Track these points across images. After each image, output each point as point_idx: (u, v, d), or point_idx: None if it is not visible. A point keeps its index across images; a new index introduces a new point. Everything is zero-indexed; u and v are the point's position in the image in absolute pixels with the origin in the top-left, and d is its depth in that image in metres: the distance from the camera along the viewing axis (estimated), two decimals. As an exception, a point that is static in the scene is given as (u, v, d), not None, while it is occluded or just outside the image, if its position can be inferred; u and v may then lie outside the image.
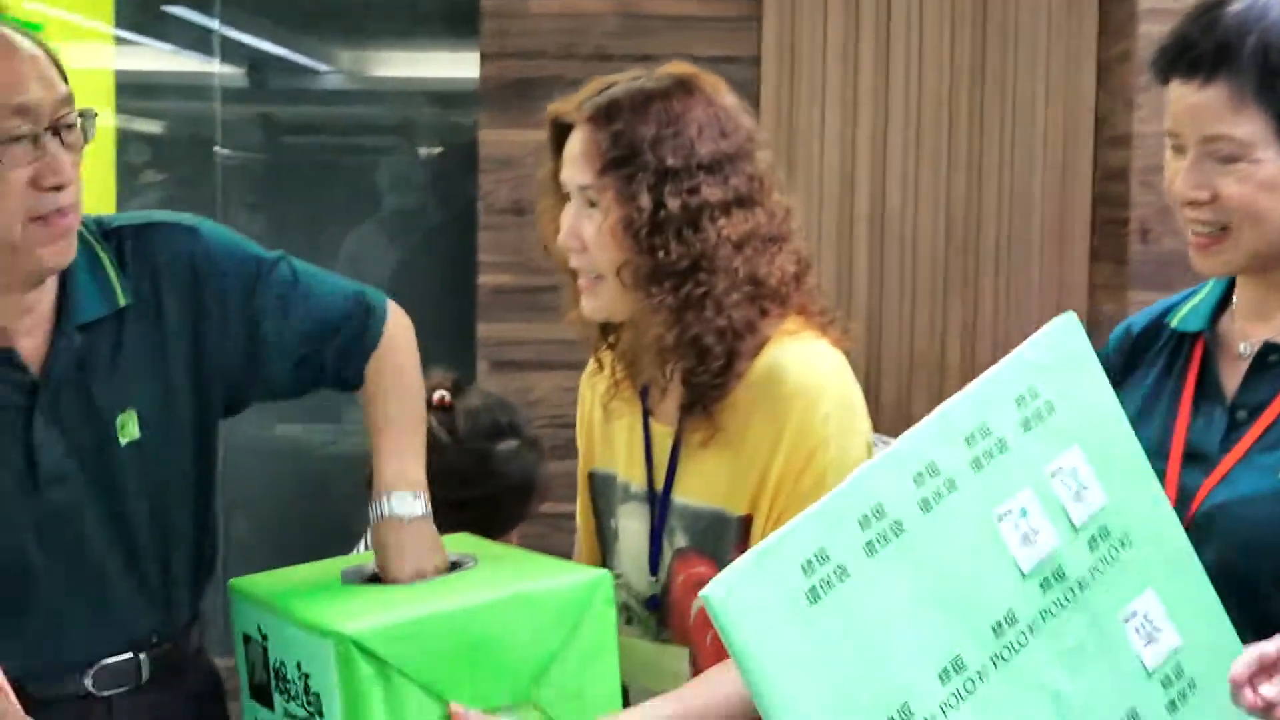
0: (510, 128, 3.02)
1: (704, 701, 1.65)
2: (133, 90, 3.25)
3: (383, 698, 1.50)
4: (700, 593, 1.23)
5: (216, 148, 3.36)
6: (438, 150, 3.42)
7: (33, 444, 1.68)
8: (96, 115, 1.68)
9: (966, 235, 3.12)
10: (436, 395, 2.04)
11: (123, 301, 1.73)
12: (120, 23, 3.22)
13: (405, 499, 1.74)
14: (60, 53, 1.69)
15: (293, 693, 1.60)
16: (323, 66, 3.45)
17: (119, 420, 1.72)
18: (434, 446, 1.97)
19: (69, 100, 1.62)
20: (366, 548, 1.88)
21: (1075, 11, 3.09)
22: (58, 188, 1.60)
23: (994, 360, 1.76)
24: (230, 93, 3.32)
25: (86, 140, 1.65)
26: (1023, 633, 1.37)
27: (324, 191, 3.41)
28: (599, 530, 1.88)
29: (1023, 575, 1.37)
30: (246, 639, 1.70)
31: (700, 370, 1.65)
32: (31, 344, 1.69)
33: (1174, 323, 1.72)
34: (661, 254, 1.61)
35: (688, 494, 1.73)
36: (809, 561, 1.26)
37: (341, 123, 3.44)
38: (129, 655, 1.75)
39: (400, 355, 1.85)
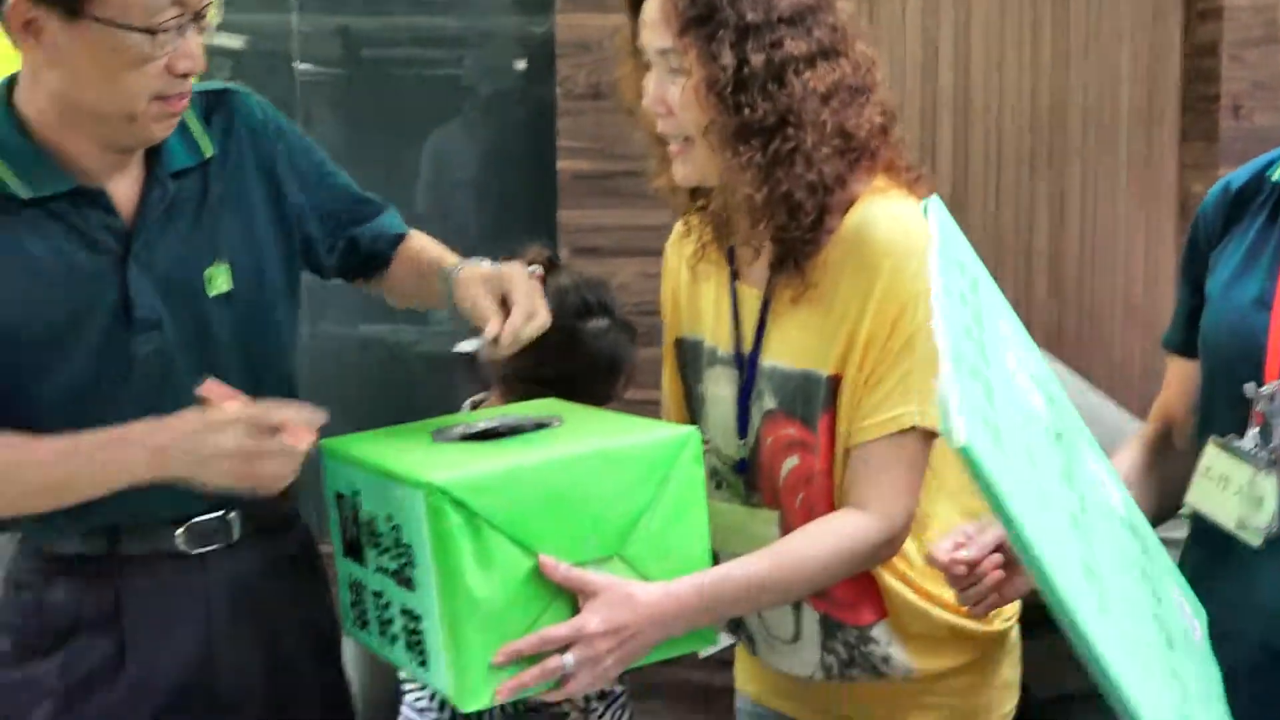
0: (587, 11, 2.98)
1: (794, 560, 1.66)
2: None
3: (472, 548, 1.52)
4: (959, 446, 1.10)
5: (295, 62, 3.35)
6: (516, 42, 3.39)
7: (128, 289, 1.71)
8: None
9: (1053, 116, 3.07)
10: (531, 269, 2.04)
11: (208, 152, 1.80)
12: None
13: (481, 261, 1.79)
14: None
15: (384, 546, 1.62)
16: None
17: (208, 273, 1.76)
18: None
19: None
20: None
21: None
22: (186, 75, 1.67)
23: (1081, 245, 1.74)
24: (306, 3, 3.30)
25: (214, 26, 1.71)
26: (1074, 484, 1.35)
27: (403, 97, 3.39)
28: (686, 397, 1.89)
29: (1045, 430, 1.37)
30: (339, 497, 1.72)
31: (792, 226, 1.64)
32: (123, 190, 1.74)
33: (1276, 175, 1.69)
34: (747, 111, 1.59)
35: (776, 356, 1.73)
36: (980, 411, 1.19)
37: (419, 28, 3.40)
38: (219, 513, 1.78)
39: (424, 238, 1.96)
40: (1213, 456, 1.65)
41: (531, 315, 1.69)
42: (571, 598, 1.58)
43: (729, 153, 1.62)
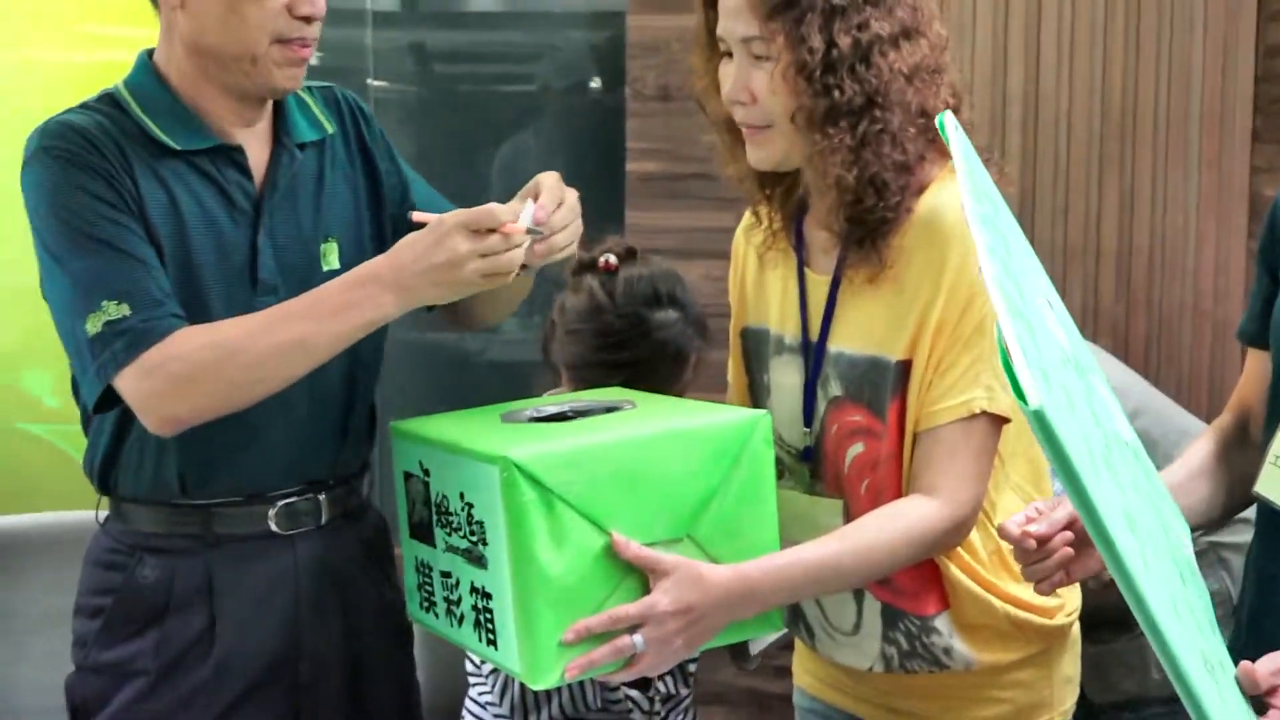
0: (657, 13, 3.00)
1: (861, 545, 1.66)
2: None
3: (545, 524, 1.53)
4: (1033, 409, 1.05)
5: (369, 79, 3.38)
6: (587, 48, 3.41)
7: (256, 251, 1.79)
8: None
9: (1123, 116, 3.04)
10: (603, 259, 2.07)
11: (330, 129, 1.90)
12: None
13: None
14: None
15: (455, 524, 1.64)
16: None
17: (322, 248, 1.83)
18: (595, 308, 2.01)
19: None
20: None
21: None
22: (307, 19, 1.76)
23: (1151, 248, 1.67)
24: (381, 18, 3.34)
25: None
26: (1096, 418, 1.30)
27: (476, 110, 3.41)
28: (751, 387, 1.89)
29: (1068, 360, 1.30)
30: (408, 477, 1.74)
31: (879, 206, 1.65)
32: (254, 155, 1.83)
33: None
34: (837, 93, 1.61)
35: (844, 341, 1.73)
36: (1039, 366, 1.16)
37: (492, 41, 3.43)
38: (310, 495, 1.82)
39: None
40: None
41: (560, 201, 1.71)
42: (642, 577, 1.60)
43: (818, 135, 1.63)
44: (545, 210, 1.68)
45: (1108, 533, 1.11)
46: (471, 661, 2.09)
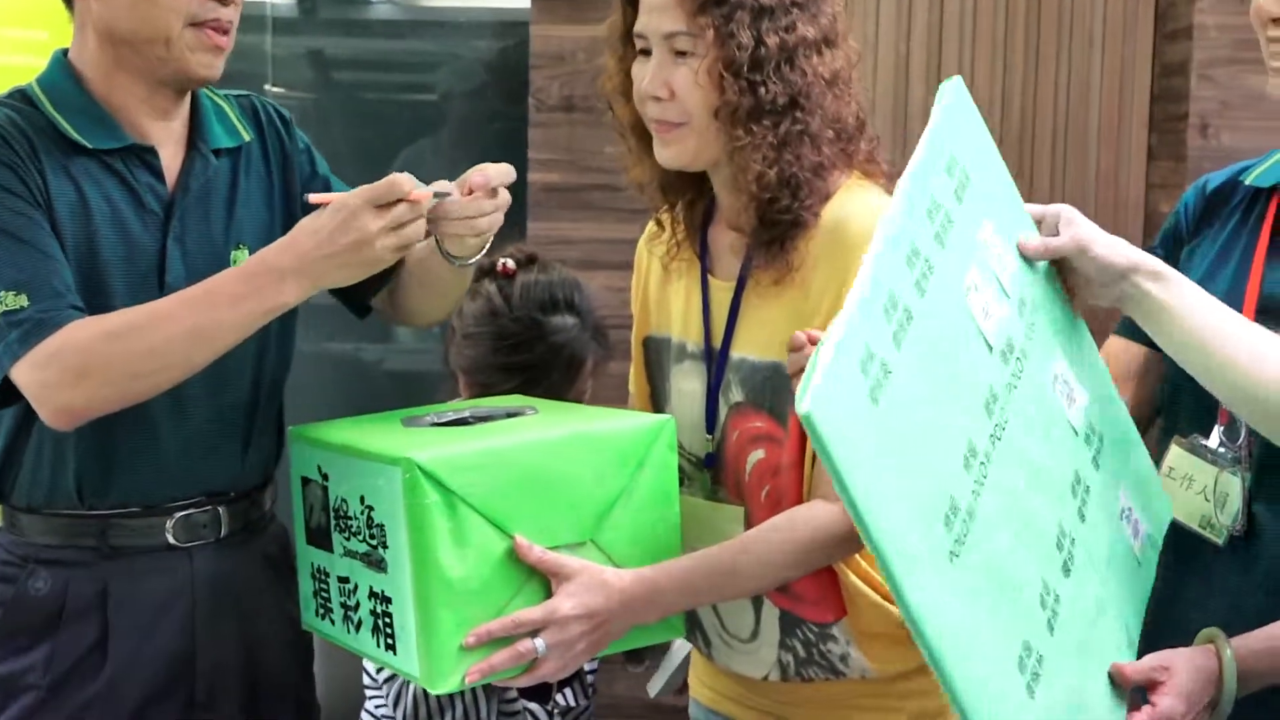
0: (562, 23, 2.99)
1: (763, 550, 1.65)
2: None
3: (448, 527, 1.52)
4: (799, 410, 1.17)
5: (267, 85, 3.34)
6: (490, 59, 3.39)
7: (165, 254, 1.76)
8: None
9: (1023, 130, 3.08)
10: (500, 264, 2.06)
11: (246, 137, 1.88)
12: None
13: None
14: None
15: (354, 529, 1.61)
16: None
17: (233, 255, 1.80)
18: (491, 311, 2.00)
19: None
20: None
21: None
22: (222, 1, 1.73)
23: None
24: (281, 24, 3.30)
25: None
26: (1003, 408, 1.37)
27: (375, 119, 3.38)
28: (652, 396, 1.89)
29: (989, 349, 1.37)
30: (305, 482, 1.71)
31: (795, 206, 1.64)
32: (168, 158, 1.80)
33: (1249, 180, 1.71)
34: (763, 90, 1.62)
35: (746, 348, 1.73)
36: (864, 361, 1.22)
37: (393, 51, 3.40)
38: (209, 507, 1.79)
39: None
40: (1176, 457, 1.67)
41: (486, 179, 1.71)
42: (544, 582, 1.59)
43: (740, 131, 1.63)
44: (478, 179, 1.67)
45: (864, 519, 1.18)
46: (368, 673, 2.06)
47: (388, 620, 1.58)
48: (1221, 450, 1.63)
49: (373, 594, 1.60)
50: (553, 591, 1.58)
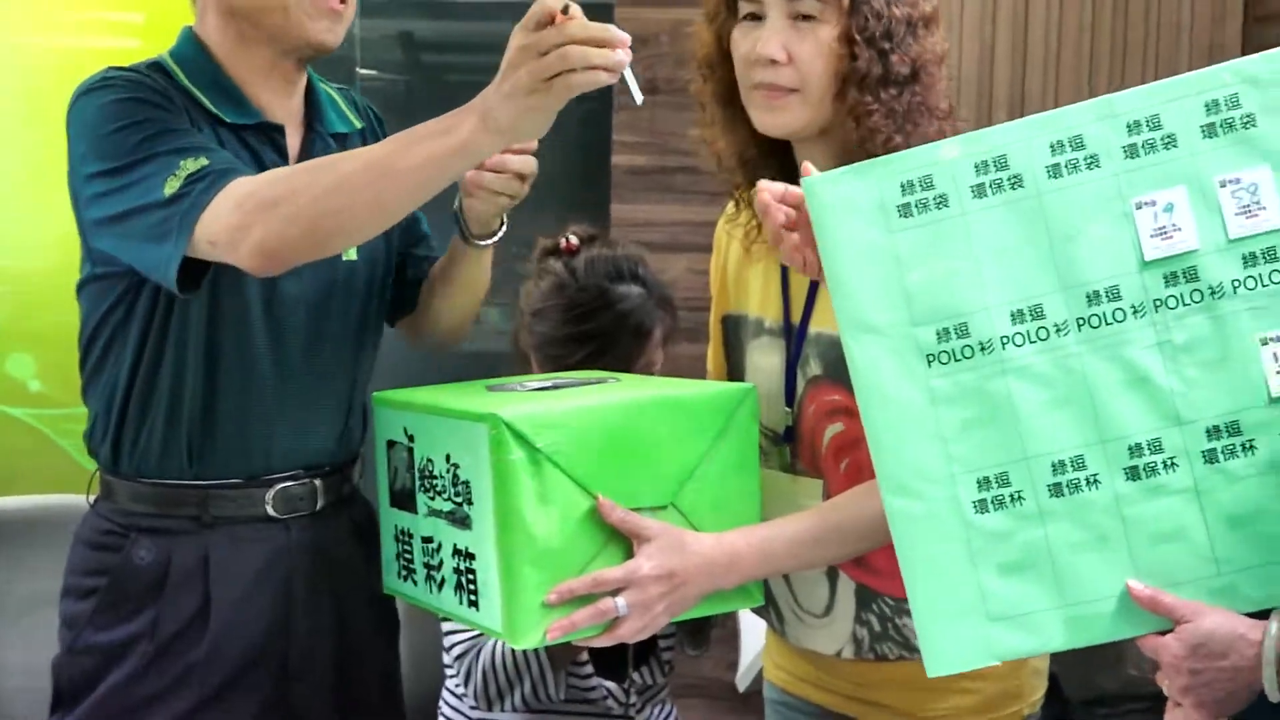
0: (646, 5, 3.00)
1: (842, 518, 1.67)
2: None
3: (532, 484, 1.54)
4: (802, 178, 1.44)
5: (356, 67, 3.38)
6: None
7: None
8: None
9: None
10: (564, 241, 2.09)
11: (358, 125, 1.92)
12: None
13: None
14: None
15: (439, 487, 1.64)
16: None
17: None
18: (558, 285, 2.05)
19: None
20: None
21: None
22: None
23: None
24: (369, 7, 3.34)
25: None
26: (1122, 310, 1.44)
27: (460, 97, 3.41)
28: (729, 373, 1.90)
29: (1143, 262, 1.44)
30: (390, 445, 1.74)
31: None
32: (289, 137, 1.83)
33: None
34: (893, 58, 1.63)
35: (824, 323, 1.74)
36: (910, 182, 1.43)
37: (478, 32, 3.43)
38: (306, 480, 1.83)
39: None
40: None
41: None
42: (625, 542, 1.60)
43: (870, 98, 1.64)
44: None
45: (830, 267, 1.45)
46: (447, 652, 2.09)
47: (471, 577, 1.61)
48: None
49: (456, 552, 1.62)
50: (633, 552, 1.59)
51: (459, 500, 1.60)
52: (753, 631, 2.39)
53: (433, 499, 1.66)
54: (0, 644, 2.38)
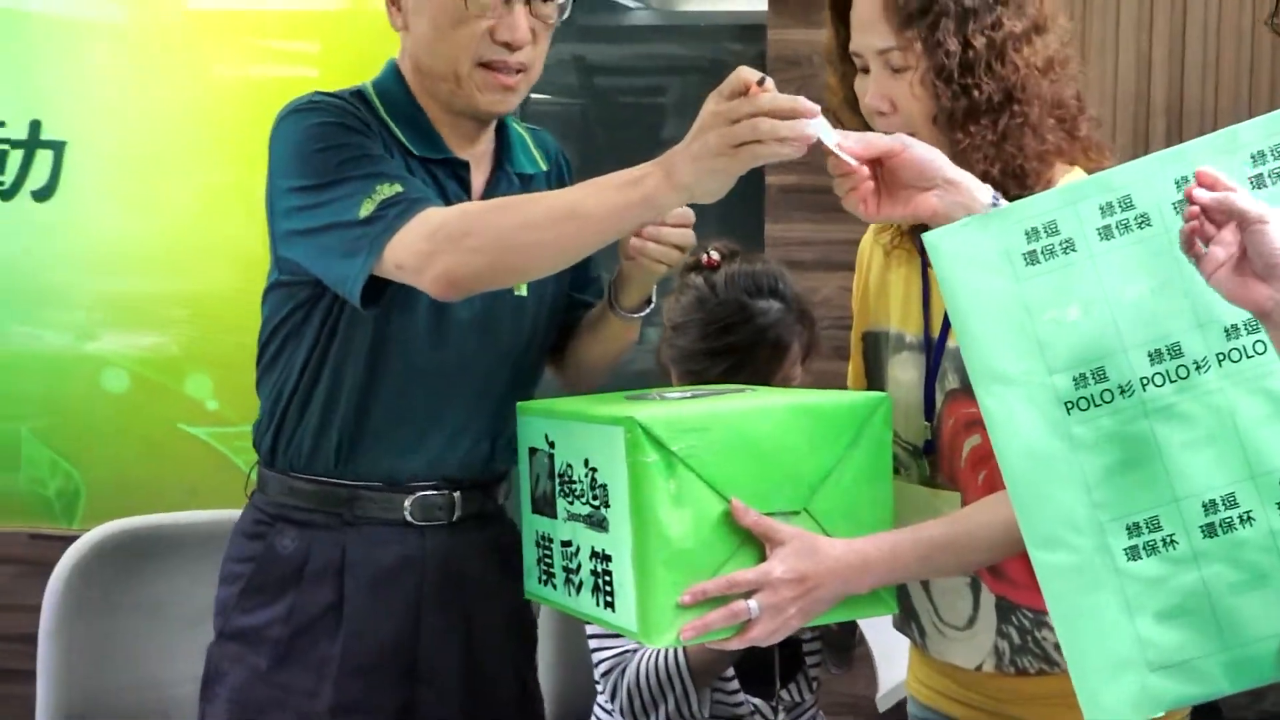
0: (797, 26, 3.03)
1: (972, 525, 1.67)
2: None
3: (667, 486, 1.57)
4: (923, 235, 1.46)
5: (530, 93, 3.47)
6: (730, 63, 3.44)
7: None
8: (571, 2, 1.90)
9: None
10: (705, 256, 2.13)
11: (544, 167, 1.99)
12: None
13: None
14: None
15: (578, 491, 1.69)
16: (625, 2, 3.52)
17: None
18: (699, 300, 2.10)
19: None
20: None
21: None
22: (508, 45, 1.82)
23: None
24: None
25: (561, 16, 1.89)
26: (1261, 341, 1.41)
27: (626, 119, 3.48)
28: (870, 389, 1.91)
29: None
30: (532, 452, 1.79)
31: (1020, 197, 1.65)
32: (476, 175, 1.91)
33: None
34: (976, 92, 1.64)
35: None
36: (1035, 229, 1.44)
37: (642, 55, 3.49)
38: (445, 490, 1.90)
39: None
40: None
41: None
42: (758, 545, 1.62)
43: (959, 134, 1.65)
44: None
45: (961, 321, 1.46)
46: (595, 668, 2.13)
47: (607, 579, 1.64)
48: None
49: (594, 554, 1.66)
50: (766, 556, 1.61)
51: (596, 503, 1.64)
52: (887, 658, 2.38)
53: (572, 503, 1.70)
54: (174, 654, 2.47)
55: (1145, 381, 1.43)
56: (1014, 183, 1.66)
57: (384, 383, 1.86)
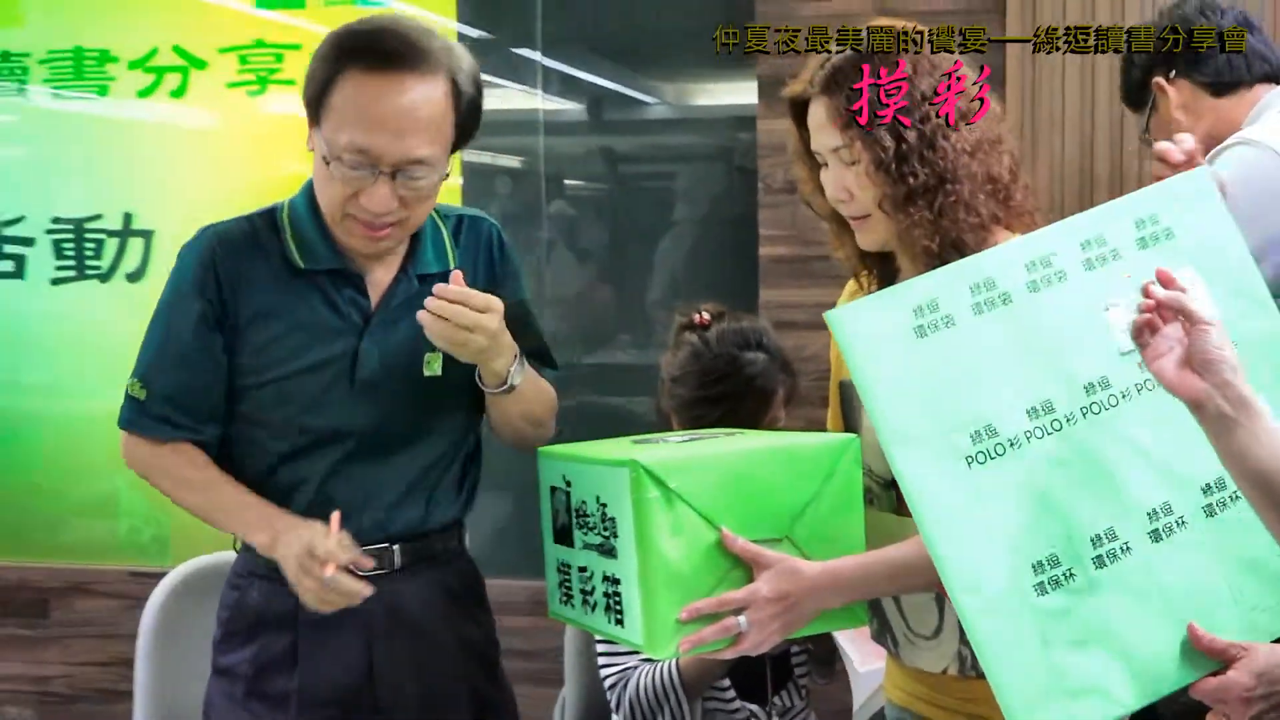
0: (783, 119, 3.06)
1: None
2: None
3: (666, 518, 1.63)
4: (826, 314, 1.49)
5: (543, 173, 3.51)
6: (724, 151, 3.51)
7: (358, 353, 1.89)
8: (447, 176, 1.84)
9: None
10: (698, 316, 2.21)
11: (452, 265, 1.92)
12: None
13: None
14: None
15: (591, 524, 1.74)
16: (630, 93, 3.55)
17: (427, 357, 1.91)
18: (695, 354, 2.15)
19: (422, 161, 1.76)
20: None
21: None
22: (371, 216, 1.79)
23: None
24: (551, 125, 3.46)
25: (431, 193, 1.82)
26: (1114, 395, 1.49)
27: (633, 202, 3.52)
28: (846, 431, 1.94)
29: (1120, 353, 1.50)
30: (553, 490, 1.84)
31: None
32: (379, 276, 1.92)
33: None
34: (913, 179, 1.67)
35: None
36: (920, 307, 1.49)
37: (645, 144, 3.53)
38: (385, 544, 1.92)
39: None
40: None
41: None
42: (746, 569, 1.67)
43: (902, 215, 1.69)
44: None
45: (866, 392, 1.48)
46: (605, 683, 2.17)
47: (617, 599, 1.69)
48: None
49: (605, 578, 1.71)
50: (753, 577, 1.66)
51: (606, 534, 1.70)
52: (859, 675, 2.43)
53: (586, 534, 1.75)
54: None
55: (1029, 435, 1.47)
56: (954, 252, 1.67)
57: (312, 469, 1.90)
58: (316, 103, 1.78)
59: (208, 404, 1.91)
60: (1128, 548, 1.48)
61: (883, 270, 1.88)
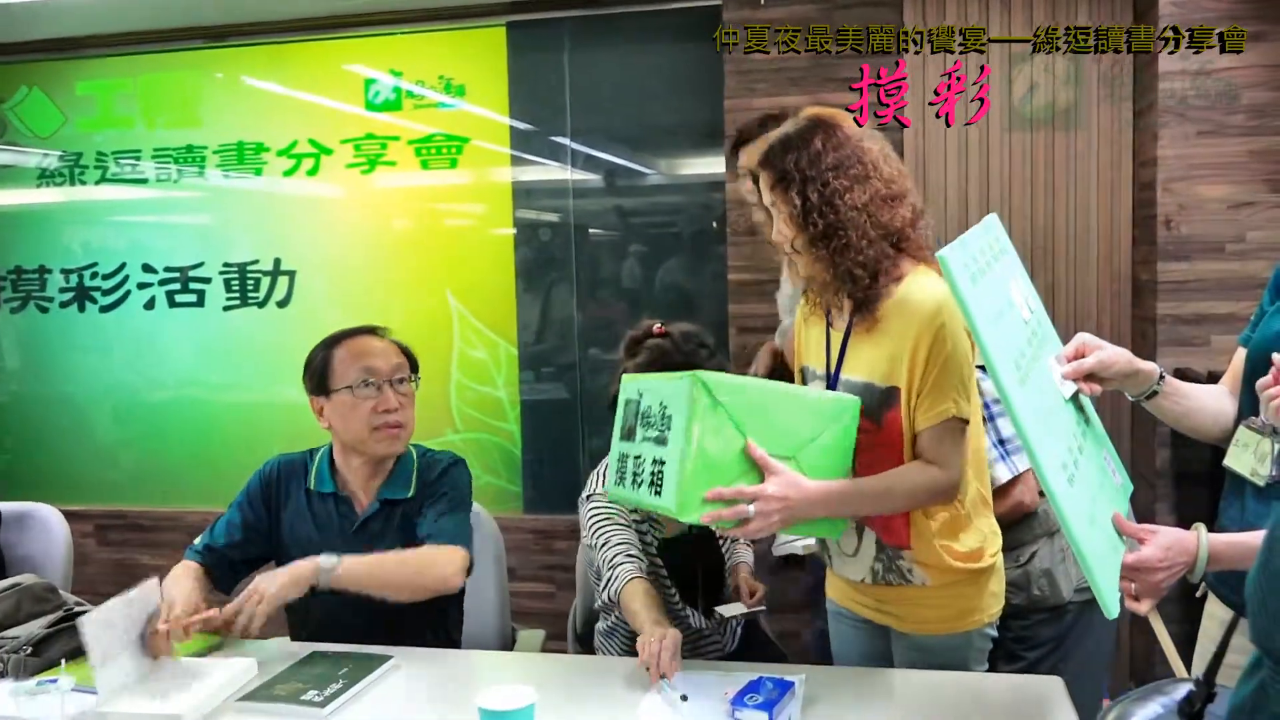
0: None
1: (896, 482, 1.55)
2: (522, 193, 3.25)
3: (710, 421, 1.44)
4: (938, 254, 1.29)
5: (569, 219, 3.29)
6: (701, 200, 3.28)
7: (354, 550, 1.80)
8: (417, 370, 1.90)
9: (1048, 234, 2.82)
10: (655, 327, 1.96)
11: (410, 494, 1.89)
12: (514, 145, 3.21)
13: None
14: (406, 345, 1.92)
15: (652, 422, 1.53)
16: (635, 167, 3.34)
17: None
18: (663, 352, 1.89)
19: (401, 368, 1.87)
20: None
21: (1118, 82, 2.75)
22: (387, 411, 1.84)
23: (1067, 328, 1.53)
24: (578, 190, 3.28)
25: (415, 386, 1.88)
26: (1031, 356, 1.34)
27: (638, 244, 3.32)
28: None
29: (1024, 320, 1.37)
30: (626, 402, 1.62)
31: (856, 290, 1.56)
32: (365, 499, 1.87)
33: None
34: (812, 228, 1.54)
35: (850, 372, 1.61)
36: (964, 263, 1.32)
37: (646, 203, 3.32)
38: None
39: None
40: (1241, 432, 1.45)
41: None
42: (759, 473, 1.47)
43: (810, 254, 1.56)
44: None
45: (1024, 433, 1.23)
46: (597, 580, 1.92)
47: (660, 477, 1.47)
48: (1264, 424, 1.40)
49: (654, 461, 1.49)
50: (764, 479, 1.46)
51: (663, 428, 1.49)
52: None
53: (647, 429, 1.53)
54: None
55: (1028, 364, 1.33)
56: (848, 281, 1.54)
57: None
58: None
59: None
60: (1077, 458, 1.34)
61: (820, 289, 1.69)
